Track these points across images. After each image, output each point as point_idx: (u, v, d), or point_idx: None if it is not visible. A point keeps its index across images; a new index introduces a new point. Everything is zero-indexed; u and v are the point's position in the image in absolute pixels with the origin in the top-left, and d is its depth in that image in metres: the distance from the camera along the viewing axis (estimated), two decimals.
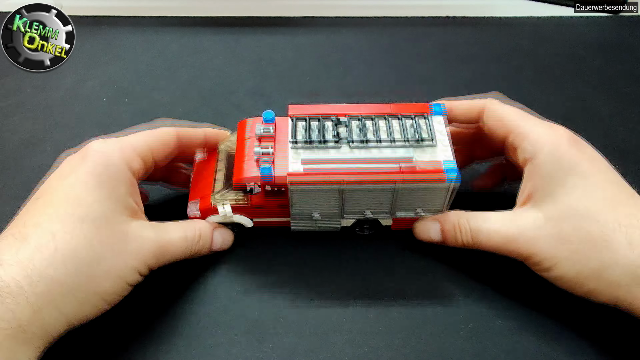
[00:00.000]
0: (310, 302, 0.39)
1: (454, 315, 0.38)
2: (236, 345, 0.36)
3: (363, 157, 0.38)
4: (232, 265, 0.42)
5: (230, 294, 0.40)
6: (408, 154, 0.38)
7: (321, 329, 0.37)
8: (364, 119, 0.40)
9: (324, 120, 0.40)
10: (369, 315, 0.38)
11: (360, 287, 0.40)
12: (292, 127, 0.39)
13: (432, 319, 0.38)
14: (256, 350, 0.36)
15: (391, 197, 0.39)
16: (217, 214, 0.41)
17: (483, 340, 0.37)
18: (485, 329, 0.37)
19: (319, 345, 0.36)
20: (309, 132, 0.39)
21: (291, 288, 0.40)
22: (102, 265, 0.33)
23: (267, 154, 0.39)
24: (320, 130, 0.39)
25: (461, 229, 0.38)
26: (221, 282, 0.40)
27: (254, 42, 0.68)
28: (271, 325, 0.37)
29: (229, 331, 0.37)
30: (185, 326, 0.37)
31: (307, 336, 0.37)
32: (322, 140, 0.38)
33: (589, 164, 0.36)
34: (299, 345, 0.36)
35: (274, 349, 0.36)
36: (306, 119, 0.40)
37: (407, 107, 0.41)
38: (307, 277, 0.41)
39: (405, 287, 0.40)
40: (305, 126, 0.39)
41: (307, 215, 0.41)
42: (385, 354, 0.36)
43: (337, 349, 0.36)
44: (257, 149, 0.39)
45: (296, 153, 0.38)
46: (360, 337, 0.37)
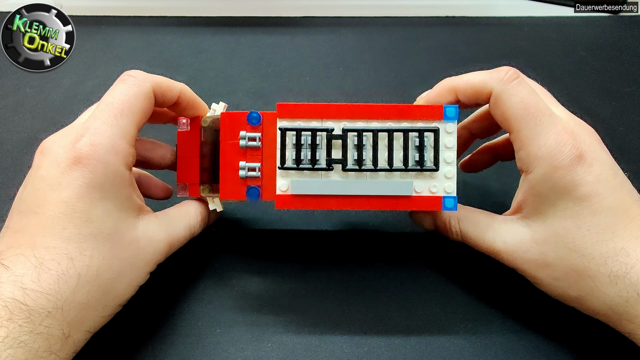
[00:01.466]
0: (309, 301, 0.39)
1: (454, 315, 0.38)
2: (235, 345, 0.36)
3: (356, 187, 0.36)
4: (231, 265, 0.42)
5: (230, 294, 0.40)
6: (406, 189, 0.36)
7: (321, 328, 0.37)
8: (363, 131, 0.36)
9: (317, 133, 0.36)
10: (368, 314, 0.38)
11: (359, 286, 0.40)
12: (280, 145, 0.36)
13: (432, 318, 0.38)
14: (255, 349, 0.36)
15: None
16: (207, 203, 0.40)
17: (483, 340, 0.37)
18: (485, 329, 0.37)
19: (318, 345, 0.36)
20: (298, 151, 0.36)
21: (291, 288, 0.40)
22: (122, 281, 0.33)
23: (253, 169, 0.37)
24: (312, 149, 0.36)
25: (451, 228, 0.38)
26: (221, 281, 0.40)
27: (254, 42, 0.68)
28: (271, 325, 0.37)
29: (228, 330, 0.37)
30: (184, 326, 0.37)
31: (306, 335, 0.37)
32: (313, 165, 0.36)
33: (591, 188, 0.32)
34: (298, 344, 0.36)
35: (273, 348, 0.36)
36: (297, 130, 0.36)
37: (417, 111, 0.36)
38: (307, 276, 0.41)
39: (405, 286, 0.40)
40: (295, 141, 0.36)
41: None
42: (385, 353, 0.36)
43: (336, 348, 0.36)
44: (243, 164, 0.37)
45: (284, 176, 0.36)
46: (360, 336, 0.37)
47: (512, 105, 0.34)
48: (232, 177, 0.38)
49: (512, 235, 0.35)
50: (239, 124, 0.38)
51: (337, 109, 0.36)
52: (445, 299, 0.39)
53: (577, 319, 0.37)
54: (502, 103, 0.34)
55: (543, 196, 0.34)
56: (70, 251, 0.30)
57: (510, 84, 0.34)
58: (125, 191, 0.34)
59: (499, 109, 0.34)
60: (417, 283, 0.40)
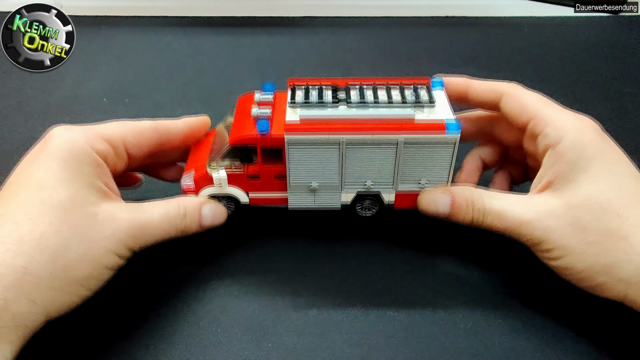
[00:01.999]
0: (309, 301, 0.39)
1: (454, 315, 0.38)
2: (236, 345, 0.36)
3: (361, 114, 0.38)
4: (231, 265, 0.42)
5: (230, 294, 0.40)
6: (408, 112, 0.38)
7: (321, 328, 0.37)
8: (363, 86, 0.40)
9: (323, 88, 0.40)
10: (369, 314, 0.38)
11: (360, 286, 0.40)
12: (291, 92, 0.40)
13: (432, 318, 0.38)
14: (255, 349, 0.36)
15: (393, 161, 0.38)
16: (211, 185, 0.40)
17: (483, 340, 0.37)
18: (485, 329, 0.37)
19: (318, 345, 0.36)
20: (307, 95, 0.39)
21: (291, 288, 0.40)
22: (73, 250, 0.31)
23: (264, 113, 0.39)
24: (319, 94, 0.39)
25: (474, 205, 0.37)
26: (221, 281, 0.40)
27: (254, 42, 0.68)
28: (271, 325, 0.37)
29: (228, 330, 0.37)
30: (185, 326, 0.37)
31: (306, 335, 0.37)
32: (320, 101, 0.39)
33: (615, 155, 0.35)
34: (298, 344, 0.36)
35: (273, 348, 0.36)
36: (305, 86, 0.40)
37: (407, 80, 0.41)
38: (307, 276, 0.41)
39: (405, 286, 0.40)
40: (304, 91, 0.40)
41: (305, 185, 0.40)
42: (385, 353, 0.36)
43: (336, 348, 0.36)
44: (255, 110, 0.39)
45: (294, 111, 0.38)
46: (360, 336, 0.37)
47: (527, 95, 0.39)
48: (244, 121, 0.39)
49: (544, 204, 0.35)
50: (252, 96, 0.41)
51: (340, 81, 0.41)
52: (445, 298, 0.39)
53: (577, 319, 0.37)
54: (519, 96, 0.39)
55: (573, 163, 0.34)
56: (18, 217, 0.31)
57: (518, 86, 0.40)
58: (89, 170, 0.34)
59: (517, 101, 0.38)
60: (418, 283, 0.40)
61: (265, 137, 0.38)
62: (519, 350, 0.36)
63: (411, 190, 0.40)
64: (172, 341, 0.36)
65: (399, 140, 0.37)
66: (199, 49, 0.66)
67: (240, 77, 0.62)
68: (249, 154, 0.39)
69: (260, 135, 0.38)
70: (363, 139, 0.37)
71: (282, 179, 0.40)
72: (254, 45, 0.67)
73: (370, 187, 0.40)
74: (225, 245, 0.43)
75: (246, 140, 0.38)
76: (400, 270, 0.41)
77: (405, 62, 0.64)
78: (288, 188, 0.40)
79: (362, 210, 0.42)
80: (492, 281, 0.40)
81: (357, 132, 0.37)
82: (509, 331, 0.37)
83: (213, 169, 0.40)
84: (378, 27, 0.71)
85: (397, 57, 0.65)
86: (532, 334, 0.37)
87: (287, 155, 0.38)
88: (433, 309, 0.39)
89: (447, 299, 0.39)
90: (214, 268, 0.41)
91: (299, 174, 0.39)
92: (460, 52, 0.65)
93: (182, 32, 0.69)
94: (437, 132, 0.37)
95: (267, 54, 0.66)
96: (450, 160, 0.38)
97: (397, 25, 0.71)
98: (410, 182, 0.40)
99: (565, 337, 0.37)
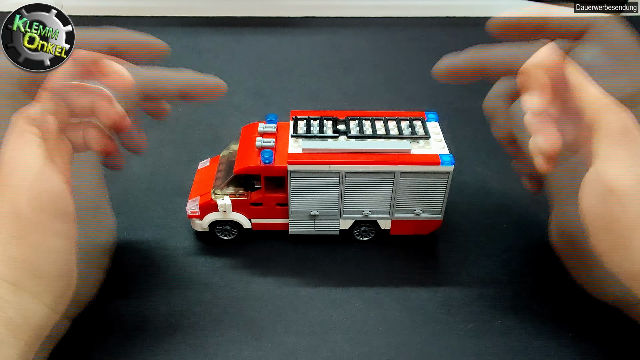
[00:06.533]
0: (310, 301, 0.39)
1: (454, 315, 0.38)
2: (236, 345, 0.36)
3: (360, 146, 0.40)
4: (232, 266, 0.42)
5: (230, 294, 0.40)
6: (405, 146, 0.39)
7: (321, 329, 0.37)
8: (362, 119, 0.42)
9: (324, 120, 0.42)
10: (369, 314, 0.38)
11: (360, 286, 0.40)
12: (293, 124, 0.42)
13: (432, 318, 0.38)
14: (256, 349, 0.36)
15: (390, 191, 0.40)
16: (216, 211, 0.41)
17: (483, 340, 0.37)
18: (485, 329, 0.37)
19: (318, 345, 0.36)
20: (309, 128, 0.41)
21: (291, 288, 0.40)
22: None
23: (268, 144, 0.41)
24: (320, 126, 0.41)
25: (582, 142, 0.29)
26: (221, 282, 0.40)
27: (254, 42, 0.68)
28: (271, 325, 0.37)
29: (228, 330, 0.37)
30: (185, 326, 0.37)
31: (306, 335, 0.37)
32: (321, 133, 0.41)
33: None
34: (298, 344, 0.36)
35: (273, 348, 0.36)
36: (307, 118, 0.42)
37: (404, 113, 0.43)
38: (307, 277, 0.41)
39: (405, 287, 0.40)
40: (306, 123, 0.42)
41: (306, 212, 0.41)
42: (385, 353, 0.36)
43: (337, 348, 0.36)
44: (260, 141, 0.41)
45: (296, 142, 0.40)
46: (360, 336, 0.37)
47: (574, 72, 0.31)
48: (248, 151, 0.41)
49: None
50: (256, 126, 0.43)
51: (341, 113, 0.43)
52: (445, 299, 0.39)
53: (577, 319, 0.37)
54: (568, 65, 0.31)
55: None
56: None
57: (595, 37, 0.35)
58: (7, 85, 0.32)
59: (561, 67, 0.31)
60: (418, 283, 0.40)
61: (269, 167, 0.39)
62: (519, 351, 0.36)
63: (407, 218, 0.42)
64: (172, 342, 0.36)
65: (395, 171, 0.39)
66: (199, 49, 0.66)
67: (240, 77, 0.62)
68: (252, 181, 0.41)
69: (264, 165, 0.39)
70: (362, 170, 0.39)
71: (284, 206, 0.42)
72: (254, 45, 0.67)
73: (368, 215, 0.42)
74: (225, 246, 0.43)
75: (251, 170, 0.40)
76: (401, 272, 0.41)
77: (405, 62, 0.64)
78: (289, 215, 0.42)
79: (359, 235, 0.44)
80: (492, 282, 0.40)
81: (356, 163, 0.39)
82: (509, 332, 0.37)
83: (218, 196, 0.41)
84: (378, 27, 0.71)
85: (397, 57, 0.65)
86: (532, 335, 0.37)
87: (289, 184, 0.40)
88: (433, 309, 0.39)
89: (447, 299, 0.39)
90: (215, 269, 0.42)
91: (300, 202, 0.41)
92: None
93: (182, 32, 0.69)
94: (432, 164, 0.39)
95: (267, 54, 0.66)
96: (444, 190, 0.40)
97: (397, 25, 0.71)
98: (406, 210, 0.42)
99: (565, 338, 0.37)
